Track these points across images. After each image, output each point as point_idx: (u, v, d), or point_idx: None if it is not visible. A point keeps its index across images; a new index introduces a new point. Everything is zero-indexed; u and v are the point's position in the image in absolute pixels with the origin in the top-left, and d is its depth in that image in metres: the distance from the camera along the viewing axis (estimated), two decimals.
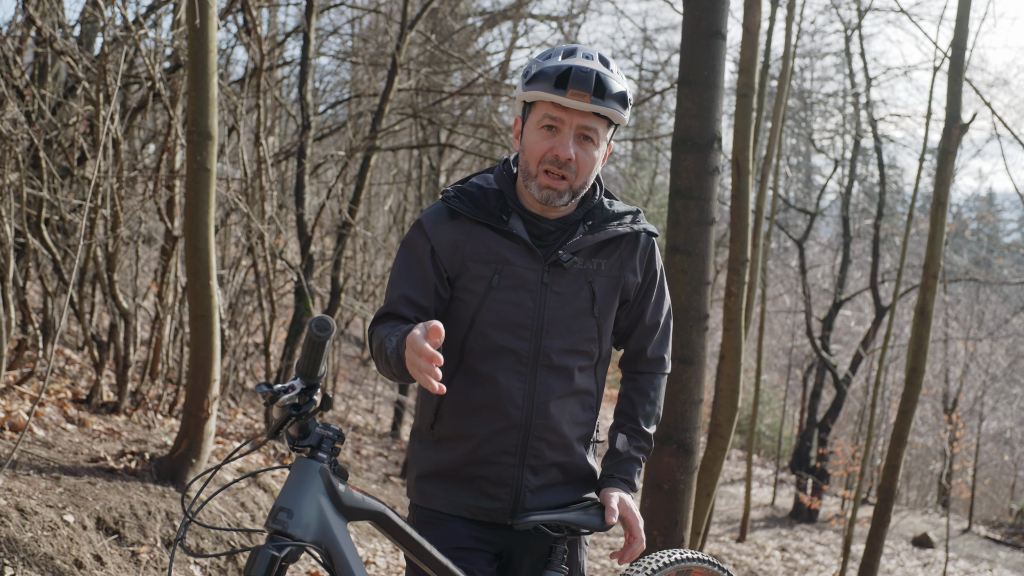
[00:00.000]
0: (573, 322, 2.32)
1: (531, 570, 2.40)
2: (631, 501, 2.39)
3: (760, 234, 9.71)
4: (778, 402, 24.42)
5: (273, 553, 1.83)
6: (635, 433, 2.45)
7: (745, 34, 6.42)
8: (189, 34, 4.81)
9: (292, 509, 1.88)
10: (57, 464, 4.77)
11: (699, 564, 2.60)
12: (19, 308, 5.94)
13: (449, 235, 2.30)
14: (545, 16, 17.26)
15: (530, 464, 2.33)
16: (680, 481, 4.45)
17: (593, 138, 2.23)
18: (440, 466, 2.36)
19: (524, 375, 2.29)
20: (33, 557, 3.74)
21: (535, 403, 2.29)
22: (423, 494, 2.40)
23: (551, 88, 2.15)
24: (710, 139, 4.37)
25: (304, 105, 7.79)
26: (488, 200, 2.32)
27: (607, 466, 2.44)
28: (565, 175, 2.22)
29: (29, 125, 5.57)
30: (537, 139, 2.23)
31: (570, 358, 2.33)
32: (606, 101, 2.17)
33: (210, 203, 4.95)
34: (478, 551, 2.35)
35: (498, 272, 2.28)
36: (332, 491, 1.95)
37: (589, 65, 2.16)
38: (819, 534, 17.15)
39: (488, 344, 2.29)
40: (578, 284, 2.32)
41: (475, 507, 2.35)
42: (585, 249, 2.33)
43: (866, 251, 20.27)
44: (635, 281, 2.40)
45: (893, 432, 6.64)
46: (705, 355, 4.50)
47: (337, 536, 1.93)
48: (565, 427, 2.35)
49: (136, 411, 6.36)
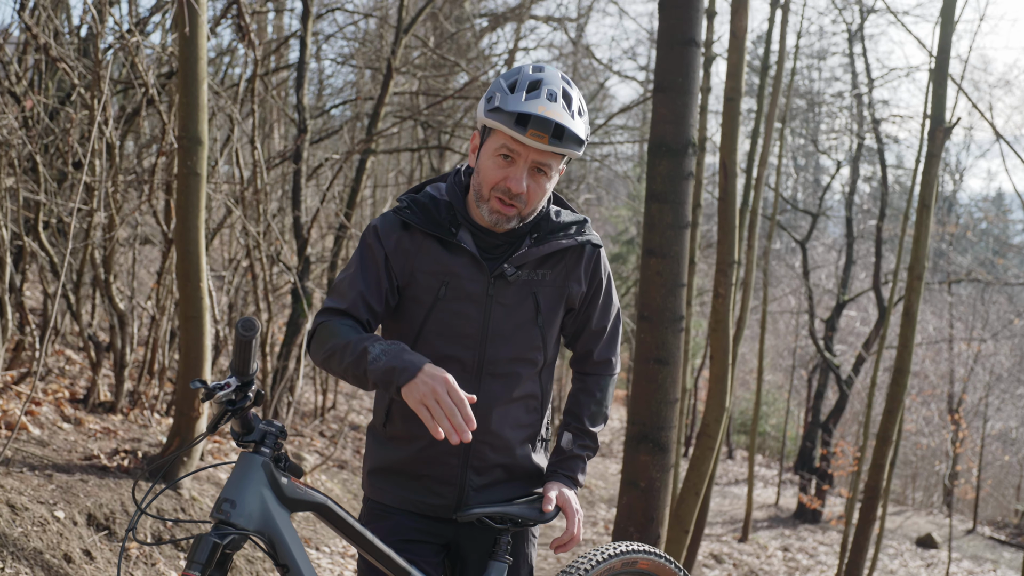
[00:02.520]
0: (517, 332, 2.41)
1: (478, 562, 2.50)
2: (571, 495, 2.49)
3: (755, 235, 9.78)
4: (782, 403, 24.44)
5: (215, 540, 1.95)
6: (580, 432, 2.55)
7: (732, 39, 6.50)
8: (179, 42, 4.92)
9: (235, 500, 1.99)
10: (51, 462, 4.89)
11: (645, 556, 2.69)
12: (17, 309, 6.07)
13: (401, 245, 2.38)
14: (548, 18, 17.34)
15: (473, 465, 2.43)
16: (656, 479, 4.54)
17: (546, 171, 2.30)
18: (389, 463, 2.47)
19: (468, 382, 2.38)
20: (23, 552, 3.84)
21: (478, 409, 2.36)
22: (373, 488, 2.51)
23: (512, 124, 2.21)
24: (684, 144, 4.46)
25: (301, 109, 7.90)
26: (439, 212, 2.39)
27: (552, 463, 2.54)
28: (515, 204, 2.30)
29: (27, 130, 5.70)
30: (492, 166, 2.30)
31: (514, 366, 2.42)
32: (563, 142, 2.23)
33: (200, 207, 5.05)
34: (424, 543, 2.45)
35: (445, 284, 2.37)
36: (275, 483, 2.06)
37: (550, 114, 2.20)
38: (822, 534, 17.20)
39: (434, 352, 2.38)
40: (522, 295, 2.41)
41: (421, 502, 2.45)
42: (530, 262, 2.41)
43: (871, 252, 20.29)
44: (580, 291, 2.48)
45: (879, 431, 6.71)
46: (681, 356, 4.59)
47: (280, 525, 2.05)
48: (508, 431, 2.45)
49: (133, 410, 6.48)
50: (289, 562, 2.07)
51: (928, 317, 22.84)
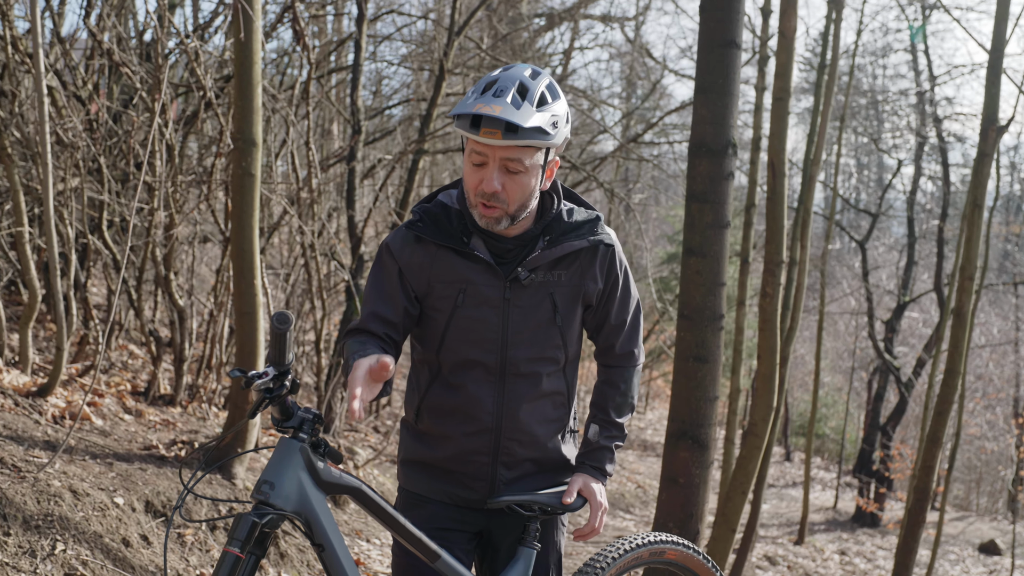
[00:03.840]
0: (536, 333, 2.48)
1: (508, 548, 2.60)
2: (597, 487, 2.57)
3: (808, 235, 9.71)
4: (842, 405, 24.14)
5: (254, 519, 2.09)
6: (606, 423, 2.62)
7: (780, 39, 6.48)
8: (235, 47, 5.10)
9: (274, 482, 2.12)
10: (112, 451, 5.10)
11: (673, 546, 2.76)
12: (81, 305, 6.32)
13: (415, 258, 2.46)
14: (605, 17, 17.37)
15: (503, 461, 2.52)
16: (695, 475, 4.60)
17: (519, 168, 2.32)
18: (422, 457, 2.57)
19: (493, 383, 2.47)
20: (83, 535, 4.03)
21: (505, 408, 2.47)
22: (408, 478, 2.62)
23: (467, 127, 2.26)
24: (724, 145, 4.51)
25: (355, 110, 8.07)
26: (451, 221, 2.46)
27: (580, 455, 2.63)
28: (495, 205, 2.34)
29: (91, 133, 5.94)
30: (470, 171, 2.36)
31: (537, 365, 2.50)
32: (519, 135, 2.23)
33: (254, 207, 5.22)
34: (457, 531, 2.56)
35: (462, 291, 2.45)
36: (311, 467, 2.18)
37: (493, 110, 2.21)
38: (881, 539, 16.96)
39: (458, 358, 2.47)
40: (539, 297, 2.48)
41: (453, 493, 2.55)
42: (544, 264, 2.47)
43: (934, 252, 19.96)
44: (596, 288, 2.54)
45: (928, 433, 6.65)
46: (720, 354, 4.64)
47: (316, 507, 2.17)
48: (535, 427, 2.53)
49: (191, 403, 6.70)
50: (324, 542, 2.19)
51: (993, 319, 22.37)
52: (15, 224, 5.18)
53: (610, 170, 16.85)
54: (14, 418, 4.90)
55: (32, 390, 5.33)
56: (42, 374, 5.75)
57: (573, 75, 18.81)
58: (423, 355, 2.55)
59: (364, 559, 5.71)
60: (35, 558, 3.63)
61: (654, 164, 12.53)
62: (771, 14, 10.79)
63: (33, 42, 4.69)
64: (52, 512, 3.94)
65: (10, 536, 3.63)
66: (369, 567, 5.56)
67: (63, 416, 5.28)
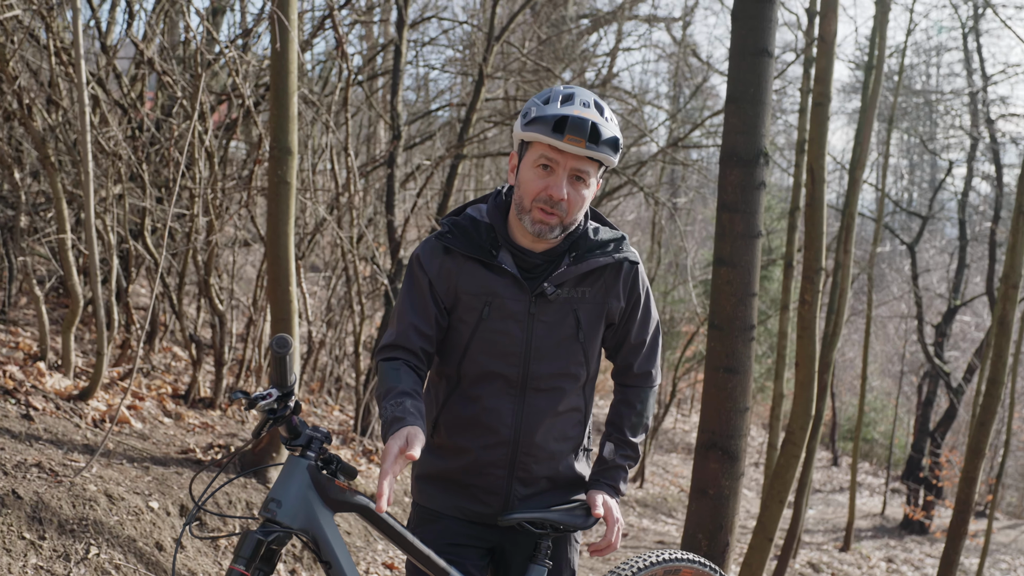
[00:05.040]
0: (559, 348, 2.50)
1: (520, 565, 2.61)
2: (613, 503, 2.57)
3: (852, 238, 9.58)
4: (891, 410, 23.76)
5: (259, 537, 2.11)
6: (621, 443, 2.62)
7: (820, 43, 6.41)
8: (271, 57, 5.16)
9: (281, 499, 2.15)
10: (149, 455, 5.19)
11: (688, 564, 2.74)
12: (123, 309, 6.44)
13: (444, 269, 2.50)
14: (651, 18, 17.28)
15: (519, 477, 2.54)
16: (725, 487, 4.56)
17: (585, 179, 2.39)
18: (437, 471, 2.59)
19: (514, 396, 2.49)
20: (117, 539, 4.11)
21: (523, 423, 2.49)
22: (422, 493, 2.64)
23: (549, 132, 2.31)
24: (756, 154, 4.47)
25: (395, 116, 8.12)
26: (479, 234, 2.50)
27: (595, 472, 2.63)
28: (556, 212, 2.39)
29: (133, 141, 6.05)
30: (533, 177, 2.39)
31: (558, 381, 2.51)
32: (599, 147, 2.32)
33: (290, 214, 5.28)
34: (470, 547, 2.57)
35: (488, 304, 2.47)
36: (319, 485, 2.21)
37: (585, 114, 2.31)
38: (930, 546, 16.67)
39: (480, 370, 2.50)
40: (563, 312, 2.50)
41: (467, 509, 2.57)
42: (569, 280, 2.49)
43: (986, 255, 19.57)
44: (619, 306, 2.56)
45: (969, 443, 6.53)
46: (751, 365, 4.60)
47: (323, 524, 2.20)
48: (553, 444, 2.55)
49: (231, 407, 6.80)
50: (331, 559, 2.21)
51: None
52: (58, 231, 5.30)
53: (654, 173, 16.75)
54: (55, 421, 5.01)
55: (74, 393, 5.45)
56: (84, 378, 5.87)
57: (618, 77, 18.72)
58: (442, 367, 2.57)
59: (398, 563, 5.74)
60: (69, 562, 3.71)
61: (697, 168, 12.43)
62: (816, 15, 10.67)
63: (75, 52, 4.79)
64: (87, 516, 4.02)
65: (45, 540, 3.72)
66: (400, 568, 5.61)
67: (103, 419, 5.38)
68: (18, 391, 5.12)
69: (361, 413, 7.85)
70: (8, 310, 6.51)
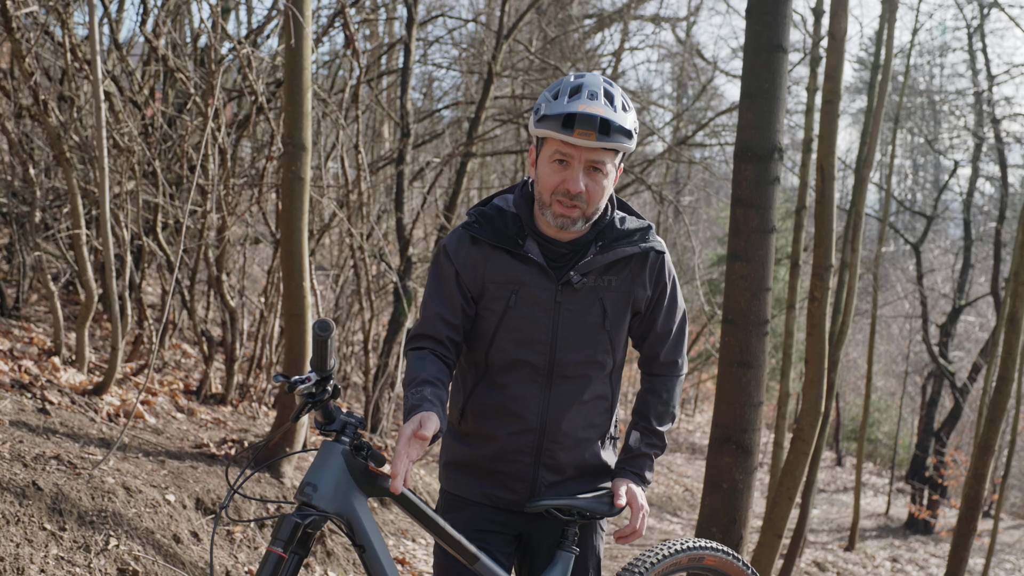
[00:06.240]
0: (585, 336, 2.52)
1: (547, 552, 2.63)
2: (638, 491, 2.59)
3: (859, 237, 9.60)
4: (895, 409, 23.77)
5: (296, 520, 2.14)
6: (647, 431, 2.64)
7: (830, 41, 6.43)
8: (285, 53, 5.18)
9: (316, 484, 2.17)
10: (164, 449, 5.21)
11: (712, 552, 2.77)
12: (136, 305, 6.46)
13: (471, 259, 2.52)
14: (656, 18, 17.30)
15: (546, 463, 2.55)
16: (739, 481, 4.58)
17: (602, 168, 2.40)
18: (465, 458, 2.61)
19: (540, 384, 2.51)
20: (136, 531, 4.13)
21: (550, 410, 2.51)
22: (450, 480, 2.66)
23: (559, 128, 2.33)
24: (770, 149, 4.49)
25: (404, 113, 8.14)
26: (506, 223, 2.52)
27: (621, 460, 2.65)
28: (577, 204, 2.40)
29: (146, 137, 6.08)
30: (549, 172, 2.41)
31: (584, 368, 2.53)
32: (611, 136, 2.32)
33: (303, 210, 5.30)
34: (497, 533, 2.59)
35: (515, 293, 2.50)
36: (353, 470, 2.23)
37: (592, 109, 2.31)
38: (935, 546, 16.68)
39: (507, 357, 2.52)
40: (590, 301, 2.52)
41: (494, 495, 2.59)
42: (596, 269, 2.51)
43: (991, 255, 19.58)
44: (645, 295, 2.57)
45: (979, 440, 6.55)
46: (765, 359, 4.62)
47: (357, 508, 2.22)
48: (580, 431, 2.57)
49: (242, 402, 6.82)
50: (365, 542, 2.24)
51: None
52: (73, 226, 5.32)
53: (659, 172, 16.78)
54: (71, 415, 5.03)
55: (88, 388, 5.47)
56: (98, 373, 5.90)
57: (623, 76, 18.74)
58: (470, 355, 2.60)
59: (409, 559, 5.77)
60: (89, 553, 3.73)
61: (703, 167, 12.46)
62: (823, 14, 10.69)
63: (92, 48, 4.81)
64: (106, 508, 4.04)
65: (65, 531, 3.74)
66: (415, 567, 5.62)
67: (117, 414, 5.41)
68: (33, 385, 5.15)
69: (370, 411, 7.87)
70: (21, 306, 6.54)
